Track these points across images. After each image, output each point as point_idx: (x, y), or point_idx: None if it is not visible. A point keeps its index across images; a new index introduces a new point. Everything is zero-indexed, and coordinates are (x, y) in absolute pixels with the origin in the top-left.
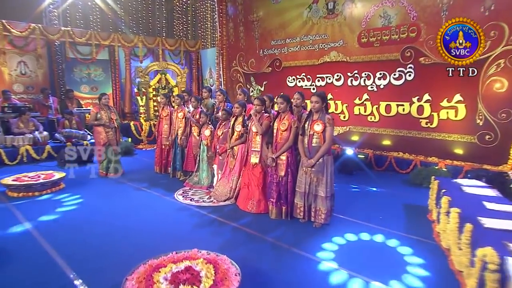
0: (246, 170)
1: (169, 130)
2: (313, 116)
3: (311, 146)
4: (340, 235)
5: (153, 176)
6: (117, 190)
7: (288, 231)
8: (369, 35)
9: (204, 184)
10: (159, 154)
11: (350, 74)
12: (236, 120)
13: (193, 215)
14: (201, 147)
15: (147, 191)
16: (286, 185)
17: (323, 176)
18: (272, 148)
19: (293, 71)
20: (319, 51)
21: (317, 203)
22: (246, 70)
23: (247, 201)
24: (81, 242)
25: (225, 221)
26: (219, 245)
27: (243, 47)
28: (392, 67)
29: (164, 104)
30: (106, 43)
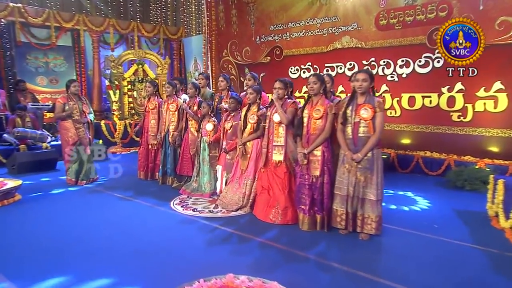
0: (264, 170)
1: (157, 126)
2: (357, 99)
3: (357, 137)
4: (401, 249)
5: (138, 183)
6: (95, 201)
7: (332, 246)
8: (389, 16)
9: (205, 190)
10: (145, 156)
11: (365, 63)
12: (249, 109)
13: (201, 229)
14: (202, 145)
15: (134, 201)
16: (321, 187)
17: (373, 175)
18: (301, 141)
19: (297, 61)
20: (329, 36)
21: (365, 209)
22: (239, 60)
23: (269, 210)
24: (59, 271)
25: (245, 235)
26: (249, 266)
27: (236, 34)
28: (416, 52)
29: (150, 94)
30: (68, 26)
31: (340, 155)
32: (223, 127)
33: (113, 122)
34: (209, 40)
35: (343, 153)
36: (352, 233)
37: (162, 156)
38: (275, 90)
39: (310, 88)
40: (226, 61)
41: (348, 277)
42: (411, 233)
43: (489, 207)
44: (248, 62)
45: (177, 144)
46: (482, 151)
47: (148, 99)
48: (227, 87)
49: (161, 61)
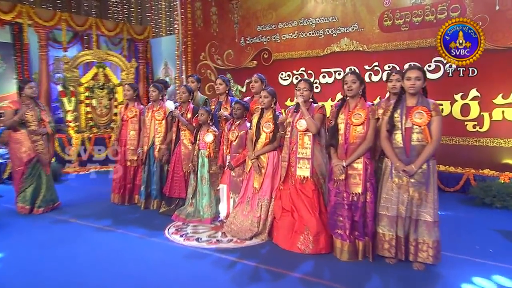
0: (285, 188)
1: (138, 138)
2: (406, 101)
3: (410, 146)
4: (468, 282)
5: (113, 209)
6: (66, 235)
7: (385, 280)
8: (394, 17)
9: (205, 215)
10: (122, 175)
11: (368, 68)
12: (262, 116)
13: (217, 264)
14: (200, 159)
15: (116, 231)
16: (364, 207)
17: (429, 191)
18: (336, 152)
19: (288, 65)
20: (325, 38)
21: (419, 233)
22: (220, 64)
23: (296, 236)
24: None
25: (275, 269)
26: None
27: (216, 35)
28: (426, 56)
29: (130, 99)
30: (7, 19)
31: (385, 167)
32: (227, 138)
33: (67, 136)
34: (184, 41)
35: (390, 165)
36: (401, 262)
37: (145, 175)
38: (299, 92)
39: (347, 88)
40: (204, 66)
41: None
42: (470, 260)
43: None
44: (231, 67)
45: (164, 160)
46: (501, 163)
47: (126, 105)
48: (226, 91)
49: (126, 64)
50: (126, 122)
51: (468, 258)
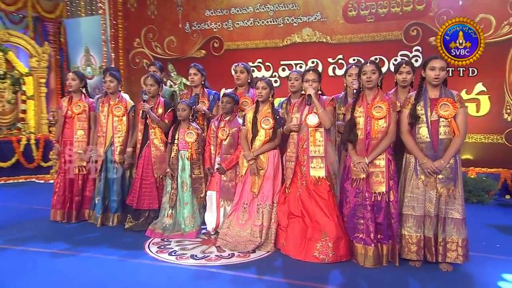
0: (292, 192)
1: (88, 139)
2: (428, 92)
3: (437, 140)
4: (501, 280)
5: (61, 229)
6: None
7: (429, 285)
8: (359, 7)
9: (186, 229)
10: (64, 186)
11: (332, 60)
12: (258, 110)
13: (236, 283)
14: (180, 162)
15: (80, 255)
16: (387, 207)
17: (457, 186)
18: (354, 149)
19: (243, 56)
20: (285, 27)
21: (447, 232)
22: (159, 53)
23: (311, 244)
24: None
25: (307, 284)
26: None
27: (154, 18)
28: (392, 50)
29: (75, 90)
30: None
31: (408, 163)
32: (215, 136)
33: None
34: (113, 24)
35: (413, 161)
36: (427, 265)
37: (100, 184)
38: (307, 84)
39: (367, 79)
40: (139, 54)
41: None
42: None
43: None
44: (174, 57)
45: (127, 165)
46: (464, 159)
47: (70, 98)
48: (202, 82)
49: (36, 49)
50: (71, 119)
51: (484, 255)
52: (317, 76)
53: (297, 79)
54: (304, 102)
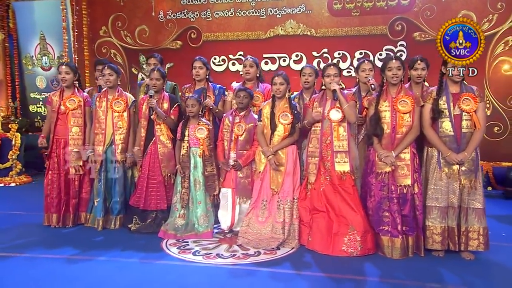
0: (316, 187)
1: (83, 137)
2: (449, 89)
3: (460, 133)
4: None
5: (60, 234)
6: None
7: (460, 274)
8: (344, 0)
9: (200, 229)
10: (59, 187)
11: (317, 54)
12: (275, 106)
13: (280, 280)
14: (192, 160)
15: (98, 259)
16: (412, 200)
17: (477, 177)
18: (379, 143)
19: (223, 48)
20: (268, 19)
21: (469, 221)
22: (130, 43)
23: (338, 239)
24: None
25: (348, 277)
26: None
27: (124, 5)
28: (377, 45)
29: (68, 85)
30: None
31: (431, 157)
32: (230, 132)
33: None
34: (76, 10)
35: (436, 154)
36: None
37: (100, 185)
38: (329, 79)
39: (393, 75)
40: (106, 43)
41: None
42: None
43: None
44: (146, 47)
45: (129, 163)
46: None
47: (61, 92)
48: (207, 76)
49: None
50: (64, 115)
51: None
52: (338, 70)
53: (311, 75)
54: (324, 96)
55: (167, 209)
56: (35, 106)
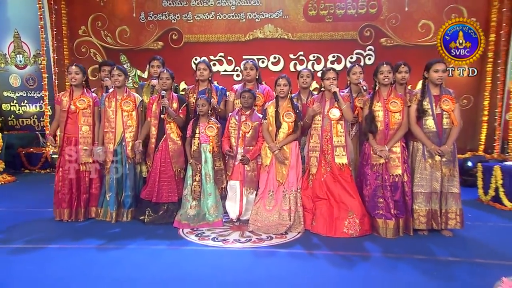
0: (317, 178)
1: (93, 135)
2: (431, 91)
3: (442, 129)
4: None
5: (71, 227)
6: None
7: (441, 246)
8: (319, 7)
9: (211, 218)
10: (70, 184)
11: (293, 56)
12: (279, 105)
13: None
14: (203, 155)
15: (127, 247)
16: (402, 187)
17: (455, 166)
18: (374, 138)
19: (204, 49)
20: (247, 22)
21: (449, 204)
22: (110, 43)
23: (339, 222)
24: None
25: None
26: None
27: (104, 5)
28: (348, 49)
29: (77, 85)
30: None
31: (416, 150)
32: (238, 129)
33: None
34: (54, 8)
35: (421, 148)
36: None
37: (113, 180)
38: (328, 81)
39: (384, 77)
40: (86, 43)
41: (460, 266)
42: (471, 224)
43: (482, 193)
44: (127, 47)
45: (138, 159)
46: None
47: (70, 92)
48: (209, 77)
49: None
50: (74, 114)
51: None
52: (336, 74)
53: (309, 76)
54: (324, 97)
55: (177, 201)
56: (8, 104)
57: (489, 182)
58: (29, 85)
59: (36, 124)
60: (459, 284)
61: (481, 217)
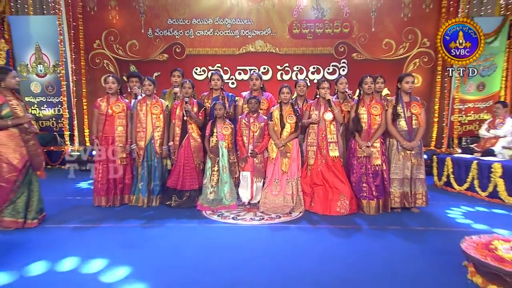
0: (314, 168)
1: (126, 134)
2: (403, 98)
3: (412, 129)
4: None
5: (111, 211)
6: (140, 236)
7: (409, 219)
8: (301, 26)
9: (227, 202)
10: (105, 176)
11: (280, 67)
12: (282, 109)
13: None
14: (220, 151)
15: (166, 225)
16: (382, 174)
17: (421, 158)
18: (360, 136)
19: (203, 61)
20: (241, 38)
21: (417, 187)
22: (121, 55)
23: (333, 203)
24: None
25: (348, 226)
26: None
27: (116, 22)
28: (326, 61)
29: (114, 93)
30: None
31: (392, 145)
32: (249, 129)
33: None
34: (73, 25)
35: (396, 143)
36: (403, 210)
37: (144, 171)
38: (323, 90)
39: (368, 87)
40: (100, 55)
41: (425, 233)
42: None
43: (436, 180)
44: (136, 59)
45: (165, 155)
46: None
47: (107, 99)
48: (222, 86)
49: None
50: (111, 117)
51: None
52: (329, 84)
53: (305, 86)
54: (319, 103)
55: (198, 189)
56: (30, 108)
57: (442, 171)
58: (48, 91)
59: (54, 126)
60: (430, 245)
61: (437, 198)
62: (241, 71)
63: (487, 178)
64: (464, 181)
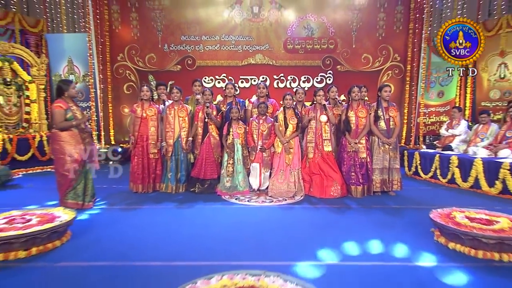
0: (312, 160)
1: (157, 134)
2: (382, 104)
3: (389, 129)
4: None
5: (146, 196)
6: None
7: (388, 201)
8: (294, 43)
9: (241, 188)
10: (143, 166)
11: (276, 77)
12: (286, 113)
13: (306, 210)
14: (235, 146)
15: (196, 206)
16: (366, 165)
17: (397, 151)
18: (349, 135)
19: (211, 71)
20: (243, 52)
21: (393, 175)
22: (141, 66)
23: (328, 188)
24: None
25: (340, 206)
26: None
27: (137, 39)
28: (315, 72)
29: (147, 99)
30: None
31: (373, 142)
32: (258, 129)
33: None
34: (101, 41)
35: (377, 140)
36: (383, 194)
37: (172, 164)
38: (319, 97)
39: (355, 95)
40: (122, 66)
41: (401, 210)
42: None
43: (407, 170)
44: (154, 69)
45: (189, 150)
46: None
47: (142, 104)
48: (234, 93)
49: (35, 60)
50: (145, 119)
51: None
52: (323, 92)
53: (303, 93)
54: (316, 108)
55: (217, 178)
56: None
57: (411, 163)
58: (78, 98)
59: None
60: (407, 219)
61: (408, 184)
62: (243, 80)
63: (446, 168)
64: (429, 171)
